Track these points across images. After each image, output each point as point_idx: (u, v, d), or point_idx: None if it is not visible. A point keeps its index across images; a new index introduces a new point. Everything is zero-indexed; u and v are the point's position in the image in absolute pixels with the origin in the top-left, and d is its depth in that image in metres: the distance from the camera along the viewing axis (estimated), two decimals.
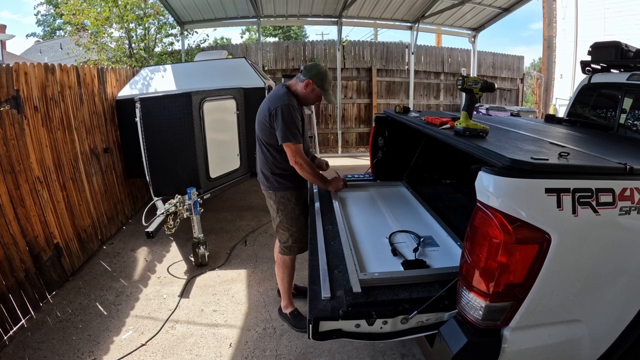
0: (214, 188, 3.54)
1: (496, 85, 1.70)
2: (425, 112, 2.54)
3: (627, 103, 2.51)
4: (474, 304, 1.16)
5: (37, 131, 2.81)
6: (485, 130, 1.56)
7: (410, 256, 1.53)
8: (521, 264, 1.09)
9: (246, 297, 2.74)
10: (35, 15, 21.39)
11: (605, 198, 1.13)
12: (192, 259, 3.26)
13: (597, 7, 8.73)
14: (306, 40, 13.91)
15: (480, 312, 1.14)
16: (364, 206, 2.20)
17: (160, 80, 4.19)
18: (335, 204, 2.11)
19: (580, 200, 1.10)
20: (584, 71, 2.90)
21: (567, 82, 9.37)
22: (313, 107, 5.88)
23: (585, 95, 2.94)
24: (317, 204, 2.16)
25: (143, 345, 2.25)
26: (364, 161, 7.25)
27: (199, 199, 3.16)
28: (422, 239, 1.66)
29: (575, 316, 1.22)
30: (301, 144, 2.04)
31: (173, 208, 3.03)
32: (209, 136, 3.38)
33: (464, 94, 1.68)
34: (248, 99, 3.87)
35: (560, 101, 9.42)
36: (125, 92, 4.16)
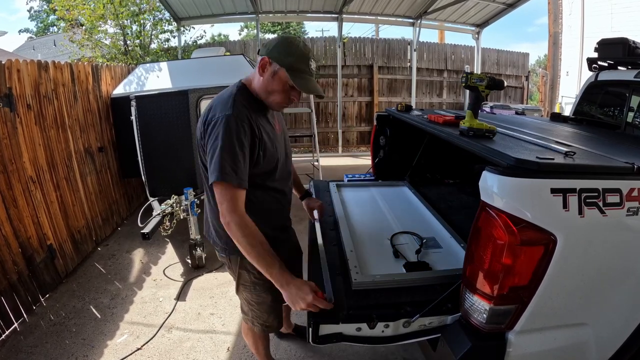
0: None
1: (505, 83, 1.66)
2: (428, 111, 2.55)
3: (635, 101, 2.51)
4: (478, 307, 1.16)
5: (30, 130, 2.81)
6: (491, 131, 1.54)
7: (413, 258, 1.53)
8: (526, 265, 1.09)
9: None
10: (28, 11, 21.38)
11: (613, 198, 1.13)
12: (189, 261, 3.26)
13: (604, 2, 8.73)
14: (306, 36, 13.90)
15: (484, 315, 1.14)
16: (365, 207, 2.20)
17: (156, 78, 4.19)
18: (336, 205, 2.11)
19: (587, 200, 1.10)
20: (590, 68, 2.90)
21: (574, 79, 9.37)
22: (313, 105, 5.80)
23: (591, 93, 2.94)
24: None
25: (139, 349, 2.25)
26: (365, 161, 7.25)
27: (196, 200, 3.16)
28: (424, 241, 1.66)
29: (581, 319, 1.22)
30: (241, 187, 1.25)
31: (169, 209, 3.03)
32: None
33: (467, 92, 1.67)
34: None
35: (566, 99, 9.42)
36: (121, 89, 4.16)
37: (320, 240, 1.65)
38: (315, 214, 1.83)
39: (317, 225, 1.75)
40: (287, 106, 1.41)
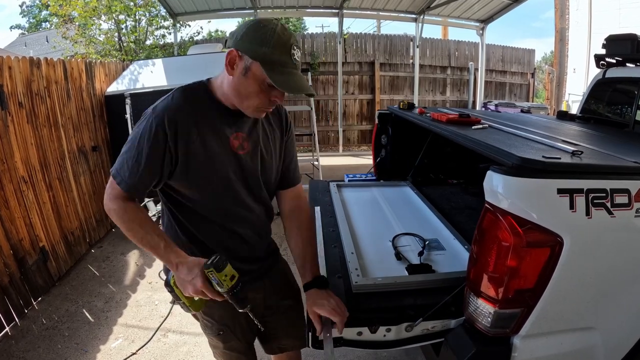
0: None
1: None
2: (431, 109, 2.55)
3: None
4: (482, 310, 1.16)
5: (21, 128, 2.81)
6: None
7: (415, 260, 1.53)
8: (532, 268, 1.09)
9: None
10: (20, 6, 21.39)
11: (621, 199, 1.13)
12: None
13: None
14: (305, 32, 13.93)
15: (489, 319, 1.14)
16: (367, 207, 2.20)
17: (152, 75, 4.19)
18: (336, 205, 2.11)
19: (594, 201, 1.10)
20: (598, 65, 2.90)
21: (581, 76, 9.36)
22: (312, 102, 5.81)
23: (599, 91, 2.94)
24: (315, 205, 2.15)
25: (133, 354, 2.25)
26: (367, 160, 7.25)
27: None
28: (427, 242, 1.66)
29: (588, 323, 1.22)
30: (126, 190, 1.06)
31: None
32: None
33: (471, 90, 1.66)
34: None
35: (573, 97, 9.42)
36: (115, 87, 4.16)
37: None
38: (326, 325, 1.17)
39: (328, 347, 1.15)
40: (268, 110, 1.13)
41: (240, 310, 1.09)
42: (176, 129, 1.05)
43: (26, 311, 2.64)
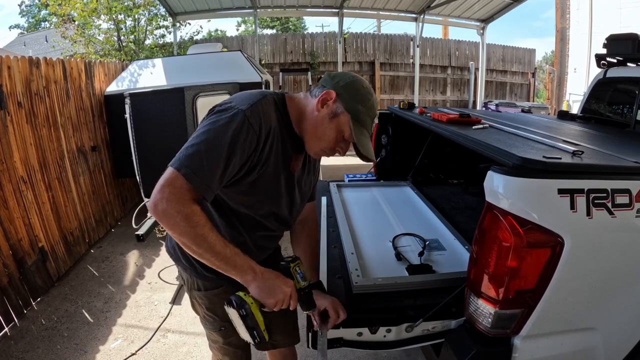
0: None
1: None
2: (431, 108, 2.55)
3: None
4: (483, 311, 1.16)
5: (21, 128, 2.81)
6: None
7: (415, 260, 1.53)
8: (532, 268, 1.09)
9: None
10: (19, 5, 21.41)
11: (622, 199, 1.13)
12: None
13: None
14: (305, 32, 13.96)
15: (489, 319, 1.14)
16: (367, 208, 2.20)
17: (151, 75, 4.19)
18: (337, 205, 2.11)
19: (595, 201, 1.10)
20: (599, 65, 2.90)
21: (581, 76, 9.37)
22: None
23: (600, 91, 2.94)
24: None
25: (133, 354, 2.25)
26: None
27: None
28: (427, 243, 1.66)
29: (589, 324, 1.22)
30: (207, 193, 0.97)
31: None
32: None
33: (471, 89, 1.66)
34: None
35: (574, 97, 9.43)
36: (114, 87, 4.16)
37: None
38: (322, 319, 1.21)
39: (320, 340, 1.17)
40: (326, 156, 1.18)
41: (304, 312, 1.14)
42: (267, 136, 1.03)
43: (25, 312, 2.64)
